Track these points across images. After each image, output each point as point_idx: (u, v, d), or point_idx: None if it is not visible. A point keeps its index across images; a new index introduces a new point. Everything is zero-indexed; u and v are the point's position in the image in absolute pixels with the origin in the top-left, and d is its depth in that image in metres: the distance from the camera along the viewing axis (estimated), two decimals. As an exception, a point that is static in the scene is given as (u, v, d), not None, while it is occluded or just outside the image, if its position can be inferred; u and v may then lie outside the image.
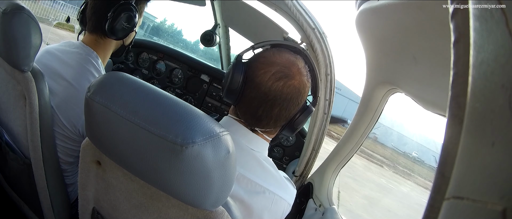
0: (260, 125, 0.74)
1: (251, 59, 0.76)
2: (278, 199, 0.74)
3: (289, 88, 0.70)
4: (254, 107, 0.71)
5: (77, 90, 1.00)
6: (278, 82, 0.69)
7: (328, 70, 1.22)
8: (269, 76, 0.69)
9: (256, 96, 0.70)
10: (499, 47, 0.21)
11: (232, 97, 0.73)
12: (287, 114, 0.73)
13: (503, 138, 0.21)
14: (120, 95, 0.50)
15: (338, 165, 1.36)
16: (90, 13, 1.09)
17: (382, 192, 9.70)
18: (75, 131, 1.00)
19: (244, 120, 0.76)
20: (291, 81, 0.70)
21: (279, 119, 0.73)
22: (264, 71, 0.70)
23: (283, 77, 0.70)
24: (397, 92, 1.11)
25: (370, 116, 1.24)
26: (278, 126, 0.76)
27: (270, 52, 0.75)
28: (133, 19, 1.09)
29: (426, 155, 18.00)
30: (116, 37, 1.09)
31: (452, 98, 0.24)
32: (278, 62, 0.71)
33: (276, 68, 0.70)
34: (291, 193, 0.79)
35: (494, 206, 0.20)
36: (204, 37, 1.81)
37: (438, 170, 0.25)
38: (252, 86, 0.71)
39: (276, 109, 0.71)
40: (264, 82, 0.69)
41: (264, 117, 0.72)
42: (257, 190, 0.72)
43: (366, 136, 1.29)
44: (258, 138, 0.77)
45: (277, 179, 0.76)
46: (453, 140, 0.24)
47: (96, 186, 0.66)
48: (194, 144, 0.44)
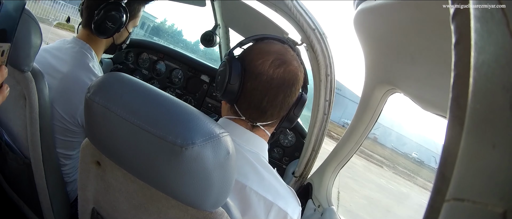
0: (264, 117, 0.73)
1: (244, 53, 0.76)
2: (277, 210, 0.68)
3: (290, 74, 0.71)
4: (258, 98, 0.71)
5: (72, 80, 1.01)
6: (278, 69, 0.70)
7: (328, 71, 1.22)
8: (269, 64, 0.70)
9: (259, 86, 0.70)
10: (500, 48, 0.21)
11: (231, 94, 0.72)
12: (290, 100, 0.74)
13: (504, 140, 0.21)
14: (120, 95, 0.50)
15: (338, 165, 1.36)
16: (84, 8, 1.12)
17: (382, 193, 9.70)
18: (74, 121, 1.01)
19: (247, 116, 0.74)
20: (289, 66, 0.71)
21: (283, 107, 0.73)
22: (262, 60, 0.70)
23: (281, 63, 0.70)
24: (396, 92, 1.11)
25: (369, 117, 1.24)
26: (280, 116, 0.76)
27: (262, 43, 0.76)
28: (119, 20, 1.09)
29: (425, 155, 17.99)
30: (101, 35, 1.10)
31: (453, 99, 0.24)
32: (273, 51, 0.72)
33: (273, 56, 0.71)
34: (292, 204, 0.71)
35: (494, 208, 0.20)
36: (204, 38, 1.81)
37: (439, 171, 0.25)
38: (253, 78, 0.70)
39: (281, 96, 0.71)
40: (265, 71, 0.70)
41: (269, 107, 0.71)
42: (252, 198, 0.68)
43: (365, 137, 1.29)
44: (255, 137, 0.75)
45: (276, 188, 0.70)
46: (454, 141, 0.24)
47: (95, 186, 0.66)
48: (193, 145, 0.44)
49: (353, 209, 6.54)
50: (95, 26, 1.07)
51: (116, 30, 1.11)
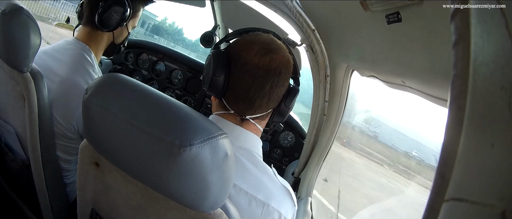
0: (252, 109, 0.71)
1: (230, 45, 0.75)
2: (270, 210, 0.66)
3: (276, 62, 0.69)
4: (245, 89, 0.69)
5: (70, 86, 1.00)
6: (264, 57, 0.69)
7: (328, 72, 1.22)
8: (254, 53, 0.69)
9: (245, 76, 0.68)
10: (499, 48, 0.21)
11: (217, 87, 0.70)
12: (279, 91, 0.72)
13: (503, 140, 0.21)
14: (118, 97, 0.50)
15: (320, 157, 1.37)
16: (85, 4, 1.11)
17: (383, 191, 9.70)
18: (69, 127, 1.00)
19: (235, 109, 0.71)
20: (275, 55, 0.70)
21: (271, 97, 0.71)
22: (247, 50, 0.69)
23: (267, 52, 0.69)
24: (352, 68, 1.13)
25: (338, 100, 1.25)
26: (270, 107, 0.73)
27: (247, 35, 0.75)
28: (124, 13, 1.09)
29: (425, 153, 18.00)
30: (105, 28, 1.09)
31: (452, 99, 0.24)
32: (258, 41, 0.71)
33: (259, 45, 0.70)
34: (286, 205, 0.69)
35: (493, 207, 0.20)
36: (204, 38, 1.80)
37: (438, 172, 0.25)
38: (238, 68, 0.69)
39: (268, 85, 0.69)
40: (251, 60, 0.68)
41: (256, 98, 0.69)
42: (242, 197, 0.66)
43: (340, 122, 1.29)
44: (246, 132, 0.73)
45: (268, 187, 0.68)
46: (453, 142, 0.24)
47: (94, 187, 0.66)
48: (192, 146, 0.44)
49: (353, 208, 6.55)
50: (99, 17, 1.06)
51: (120, 23, 1.10)
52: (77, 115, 0.98)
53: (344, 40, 1.00)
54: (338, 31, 1.00)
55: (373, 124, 18.91)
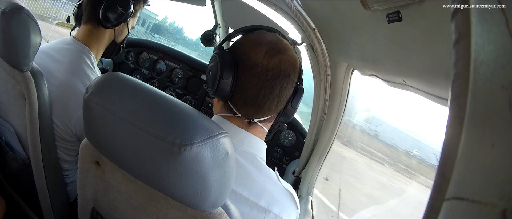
0: (261, 112, 0.68)
1: (234, 46, 0.71)
2: (272, 217, 0.65)
3: (285, 64, 0.67)
4: (254, 92, 0.66)
5: (68, 89, 0.99)
6: (273, 58, 0.66)
7: (328, 71, 1.22)
8: (263, 55, 0.65)
9: (254, 79, 0.65)
10: (499, 47, 0.21)
11: (224, 90, 0.66)
12: (287, 93, 0.69)
13: (503, 139, 0.21)
14: (119, 96, 0.50)
15: (321, 156, 1.36)
16: (85, 3, 1.09)
17: (384, 190, 9.70)
18: (67, 130, 0.99)
19: (243, 113, 0.69)
20: (284, 56, 0.67)
21: (280, 100, 0.68)
22: (255, 51, 0.66)
23: (276, 53, 0.66)
24: (353, 67, 1.13)
25: (339, 100, 1.25)
26: (278, 109, 0.71)
27: (253, 35, 0.71)
28: (127, 8, 1.08)
29: (426, 152, 17.98)
30: (108, 23, 1.07)
31: (453, 98, 0.24)
32: (266, 41, 0.68)
33: (267, 46, 0.67)
34: (289, 209, 0.68)
35: (494, 206, 0.20)
36: (204, 37, 1.81)
37: (438, 171, 0.25)
38: (246, 71, 0.66)
39: (277, 88, 0.66)
40: (260, 62, 0.65)
41: (266, 101, 0.67)
42: (243, 203, 0.65)
43: (340, 122, 1.29)
44: (251, 136, 0.70)
45: (271, 193, 0.66)
46: (454, 141, 0.24)
47: (95, 186, 0.66)
48: (192, 146, 0.44)
49: (354, 207, 6.55)
50: (103, 12, 1.04)
51: (124, 18, 1.09)
52: (76, 118, 0.97)
53: (345, 39, 1.00)
54: (338, 30, 1.00)
55: (373, 123, 18.87)
